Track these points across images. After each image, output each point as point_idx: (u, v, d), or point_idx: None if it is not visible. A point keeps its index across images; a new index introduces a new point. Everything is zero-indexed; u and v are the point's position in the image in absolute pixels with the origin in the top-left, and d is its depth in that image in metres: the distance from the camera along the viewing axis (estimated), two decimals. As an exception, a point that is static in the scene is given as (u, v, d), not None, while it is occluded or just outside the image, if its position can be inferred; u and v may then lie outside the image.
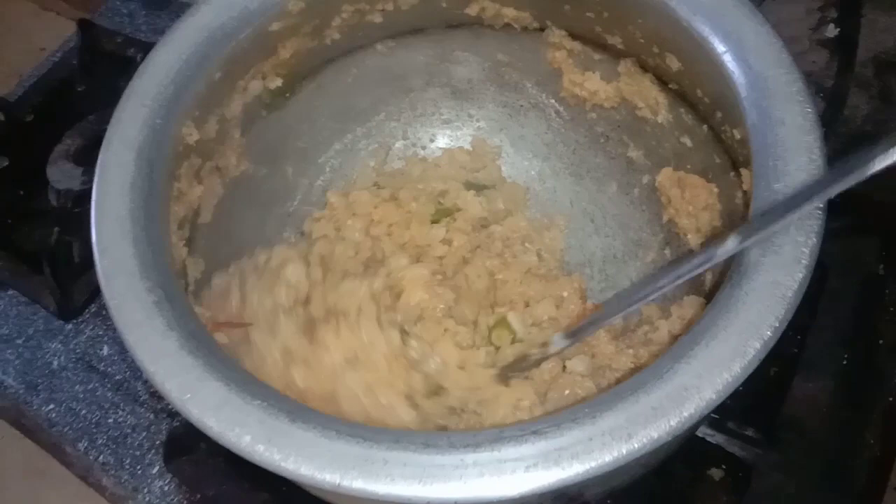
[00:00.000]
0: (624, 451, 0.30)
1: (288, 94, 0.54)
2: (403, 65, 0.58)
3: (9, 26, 1.40)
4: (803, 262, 0.33)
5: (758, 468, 0.49)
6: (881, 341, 0.53)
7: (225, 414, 0.33)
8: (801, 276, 0.33)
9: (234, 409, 0.33)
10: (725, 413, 0.50)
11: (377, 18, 0.53)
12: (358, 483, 0.30)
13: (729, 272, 0.35)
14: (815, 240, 0.34)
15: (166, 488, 0.56)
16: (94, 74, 0.76)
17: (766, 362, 0.32)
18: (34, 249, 0.65)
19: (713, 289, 0.42)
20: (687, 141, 0.52)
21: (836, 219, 0.57)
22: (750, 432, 0.49)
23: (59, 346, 0.64)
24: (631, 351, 0.45)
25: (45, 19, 1.40)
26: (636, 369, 0.42)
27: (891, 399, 0.52)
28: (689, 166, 0.52)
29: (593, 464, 0.30)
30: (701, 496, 0.51)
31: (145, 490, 0.57)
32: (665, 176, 0.52)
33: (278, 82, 0.52)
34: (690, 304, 0.45)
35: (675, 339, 0.43)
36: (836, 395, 0.51)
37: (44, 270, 0.62)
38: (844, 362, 0.53)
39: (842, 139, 0.61)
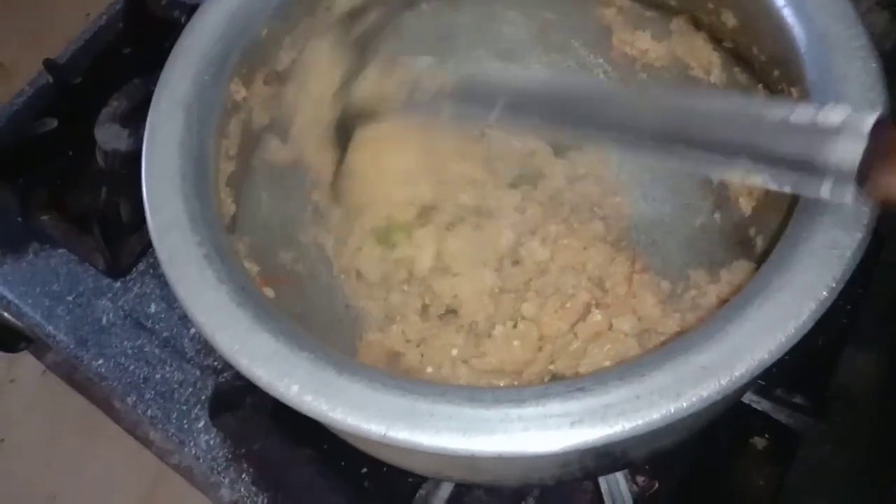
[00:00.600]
0: (672, 410, 0.30)
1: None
2: (448, 25, 0.57)
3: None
4: (863, 221, 0.32)
5: (806, 438, 0.48)
6: None
7: (274, 365, 0.33)
8: (860, 236, 0.32)
9: (283, 359, 0.33)
10: (773, 380, 0.49)
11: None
12: (404, 434, 0.31)
13: (784, 231, 0.34)
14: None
15: (212, 442, 0.58)
16: (140, 37, 0.77)
17: (815, 332, 0.31)
18: (83, 210, 0.67)
19: (763, 254, 0.41)
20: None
21: None
22: (798, 399, 0.48)
23: (108, 303, 0.65)
24: (678, 315, 0.44)
25: (91, -16, 1.41)
26: (682, 333, 0.42)
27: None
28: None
29: (640, 422, 0.30)
30: (744, 464, 0.50)
31: (191, 444, 0.58)
32: None
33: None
34: (740, 268, 0.44)
35: (723, 303, 0.42)
36: (888, 368, 0.50)
37: (93, 230, 0.64)
38: None
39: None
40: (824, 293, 0.31)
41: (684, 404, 0.30)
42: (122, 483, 0.99)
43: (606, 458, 0.36)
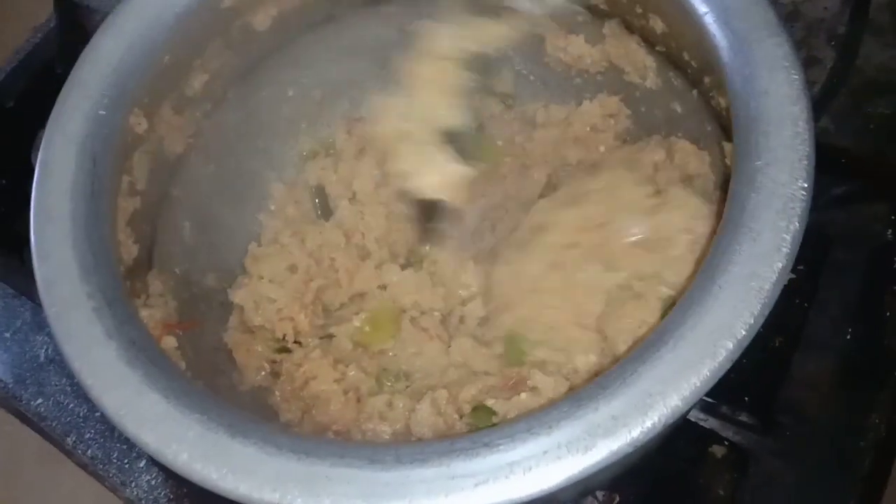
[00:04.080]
0: (581, 467, 0.28)
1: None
2: (375, 36, 0.55)
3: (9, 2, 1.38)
4: (784, 249, 0.30)
5: (754, 454, 0.47)
6: (889, 314, 0.50)
7: (162, 429, 0.31)
8: (780, 265, 0.30)
9: (173, 423, 0.31)
10: (718, 396, 0.47)
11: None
12: (298, 502, 0.29)
13: (703, 261, 0.32)
14: (798, 224, 0.31)
15: (153, 482, 0.56)
16: (74, 56, 0.74)
17: (763, 339, 0.29)
18: (19, 240, 0.64)
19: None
20: (677, 107, 0.49)
21: (840, 184, 0.54)
22: (744, 417, 0.46)
23: (47, 338, 0.62)
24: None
25: (41, -3, 1.37)
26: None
27: (899, 376, 0.48)
28: (679, 133, 0.49)
29: (547, 480, 0.28)
30: (703, 474, 0.48)
31: (133, 484, 0.56)
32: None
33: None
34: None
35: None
36: (839, 375, 0.48)
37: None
38: (848, 337, 0.49)
39: (854, 90, 0.57)
40: (742, 331, 0.29)
41: (594, 459, 0.28)
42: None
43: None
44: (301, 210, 0.56)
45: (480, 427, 0.39)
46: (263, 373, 0.49)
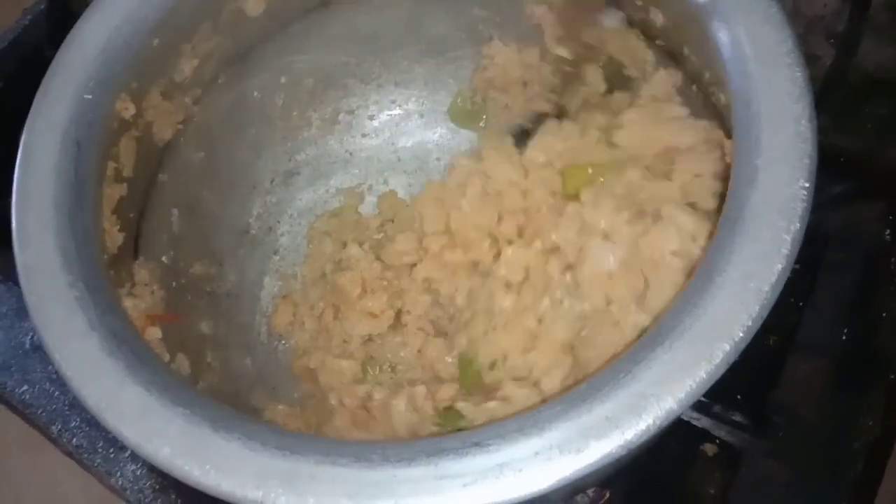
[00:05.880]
0: (573, 469, 0.27)
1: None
2: (370, 24, 0.54)
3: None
4: (783, 251, 0.30)
5: (747, 455, 0.46)
6: (884, 314, 0.49)
7: (144, 423, 0.30)
8: (780, 267, 0.29)
9: (155, 416, 0.30)
10: (712, 395, 0.47)
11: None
12: (282, 500, 0.28)
13: (701, 262, 0.31)
14: (798, 225, 0.30)
15: (139, 472, 0.55)
16: (63, 39, 0.72)
17: (758, 338, 0.29)
18: (6, 224, 0.62)
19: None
20: (676, 102, 0.48)
21: (837, 183, 0.53)
22: (737, 417, 0.46)
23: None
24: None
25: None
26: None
27: (893, 377, 0.48)
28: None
29: (538, 482, 0.27)
30: (695, 472, 0.48)
31: (118, 474, 0.55)
32: None
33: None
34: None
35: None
36: (833, 376, 0.48)
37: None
38: (844, 338, 0.49)
39: (852, 88, 0.56)
40: (740, 333, 0.28)
41: (587, 461, 0.27)
42: (71, 502, 0.96)
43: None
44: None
45: (448, 429, 0.39)
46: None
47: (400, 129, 0.59)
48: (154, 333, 0.37)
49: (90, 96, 0.39)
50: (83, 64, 0.39)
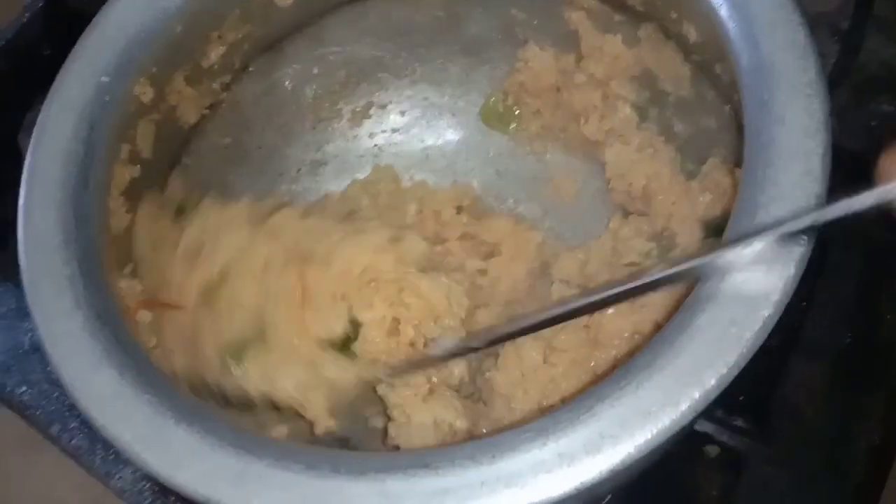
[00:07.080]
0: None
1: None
2: (407, 20, 0.53)
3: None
4: (773, 297, 0.28)
5: (749, 458, 0.44)
6: (887, 316, 0.47)
7: (112, 407, 0.31)
8: (766, 314, 0.28)
9: (123, 402, 0.31)
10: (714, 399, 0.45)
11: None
12: (226, 500, 0.28)
13: (685, 300, 0.29)
14: (793, 270, 0.28)
15: (138, 474, 0.54)
16: (62, 36, 0.72)
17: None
18: (4, 225, 0.62)
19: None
20: (711, 122, 0.46)
21: (840, 182, 0.50)
22: (739, 422, 0.44)
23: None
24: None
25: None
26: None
27: (896, 380, 0.46)
28: (713, 149, 0.46)
29: (481, 512, 0.26)
30: (696, 475, 0.46)
31: (117, 476, 0.53)
32: None
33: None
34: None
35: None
36: (836, 379, 0.46)
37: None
38: (848, 341, 0.47)
39: (856, 86, 0.53)
40: (712, 381, 0.27)
41: (528, 499, 0.26)
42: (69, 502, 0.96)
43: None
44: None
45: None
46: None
47: (430, 126, 0.58)
48: (145, 317, 0.38)
49: (107, 79, 0.40)
50: (103, 48, 0.40)
